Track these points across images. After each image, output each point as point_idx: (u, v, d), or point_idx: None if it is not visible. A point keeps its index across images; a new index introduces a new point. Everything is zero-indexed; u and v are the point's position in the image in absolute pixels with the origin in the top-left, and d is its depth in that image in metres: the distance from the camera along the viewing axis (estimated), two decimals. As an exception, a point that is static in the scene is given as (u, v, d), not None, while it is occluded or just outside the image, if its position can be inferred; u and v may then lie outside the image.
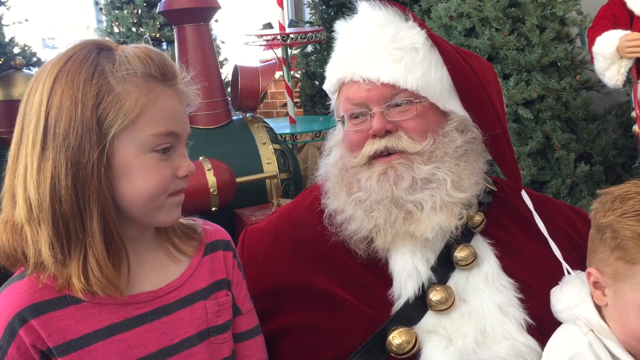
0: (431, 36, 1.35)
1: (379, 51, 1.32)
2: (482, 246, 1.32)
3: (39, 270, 0.99)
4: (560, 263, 1.31)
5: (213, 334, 1.13)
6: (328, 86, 1.45)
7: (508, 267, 1.30)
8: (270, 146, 2.95)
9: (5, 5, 4.67)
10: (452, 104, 1.35)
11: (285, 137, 3.78)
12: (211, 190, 2.59)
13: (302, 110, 4.87)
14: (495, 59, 3.00)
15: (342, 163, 1.37)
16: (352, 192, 1.32)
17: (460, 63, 1.34)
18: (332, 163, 1.40)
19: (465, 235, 1.32)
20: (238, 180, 2.71)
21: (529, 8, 2.98)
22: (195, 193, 2.41)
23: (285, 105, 4.72)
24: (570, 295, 1.22)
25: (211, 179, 2.58)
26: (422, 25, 1.36)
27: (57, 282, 0.99)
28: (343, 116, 1.37)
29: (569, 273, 1.29)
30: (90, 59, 0.99)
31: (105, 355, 1.01)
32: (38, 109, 0.98)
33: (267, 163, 2.91)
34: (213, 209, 2.62)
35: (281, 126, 3.97)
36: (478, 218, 1.34)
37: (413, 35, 1.34)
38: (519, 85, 2.93)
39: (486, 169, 1.38)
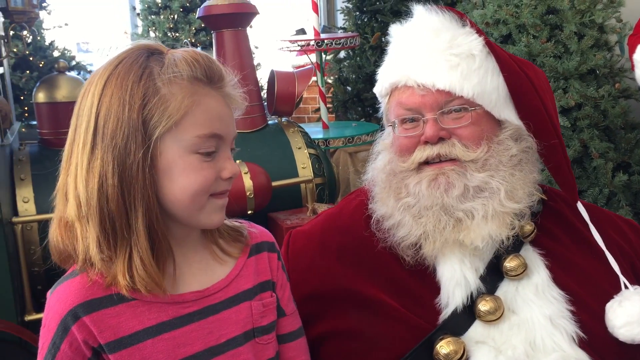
0: (488, 43, 1.34)
1: (435, 57, 1.30)
2: (532, 256, 1.31)
3: (87, 266, 1.02)
4: (614, 276, 1.29)
5: (258, 335, 1.14)
6: (379, 90, 1.43)
7: (559, 278, 1.28)
8: (306, 151, 2.96)
9: (46, 10, 4.79)
10: (507, 113, 1.33)
11: (317, 142, 3.79)
12: (247, 194, 2.61)
13: (334, 115, 4.89)
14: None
15: (391, 168, 1.36)
16: (400, 197, 1.31)
17: (517, 71, 1.33)
18: (379, 167, 1.39)
19: (515, 244, 1.30)
20: (273, 184, 2.73)
21: (567, 15, 2.95)
22: (232, 196, 2.42)
23: (317, 110, 4.74)
24: (631, 312, 1.19)
25: (248, 182, 2.61)
26: (479, 31, 1.35)
27: (105, 280, 1.01)
28: (394, 121, 1.36)
29: (626, 287, 1.27)
30: (140, 62, 1.01)
31: (154, 353, 1.03)
32: (89, 110, 1.01)
33: (302, 167, 2.93)
34: (249, 212, 2.64)
35: (313, 131, 3.99)
36: (528, 227, 1.32)
37: (470, 41, 1.32)
38: (556, 93, 2.89)
39: (540, 180, 1.36)
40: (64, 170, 1.03)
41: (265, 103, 3.22)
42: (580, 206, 1.38)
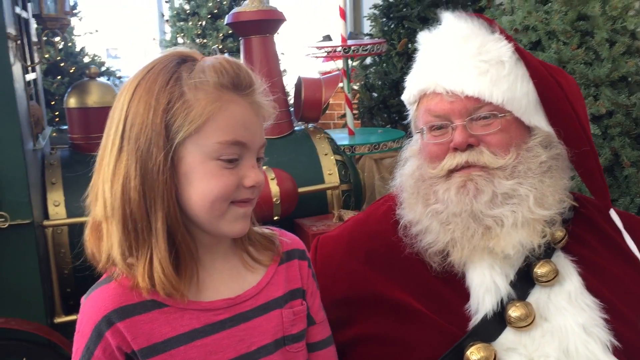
0: (518, 50, 1.33)
1: (463, 63, 1.30)
2: (563, 263, 1.29)
3: (109, 266, 1.03)
4: None
5: (288, 343, 1.13)
6: (407, 97, 1.43)
7: (592, 285, 1.26)
8: (332, 157, 2.96)
9: (78, 16, 4.88)
10: (537, 119, 1.32)
11: (343, 148, 3.79)
12: (274, 200, 2.62)
13: (359, 122, 4.88)
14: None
15: (419, 174, 1.36)
16: (429, 203, 1.31)
17: (547, 77, 1.32)
18: (408, 174, 1.39)
19: (546, 251, 1.29)
20: (300, 190, 2.73)
21: (598, 21, 2.91)
22: (258, 202, 2.44)
23: (343, 116, 4.74)
24: None
25: (274, 188, 2.62)
26: (508, 38, 1.34)
27: (131, 282, 1.02)
28: (422, 128, 1.36)
29: None
30: (169, 68, 1.02)
31: None
32: (119, 113, 1.02)
33: (329, 174, 2.93)
34: (275, 218, 2.64)
35: (339, 137, 3.98)
36: (559, 234, 1.31)
37: (499, 48, 1.32)
38: (587, 100, 2.85)
39: (571, 186, 1.35)
40: (96, 171, 1.05)
41: (292, 109, 3.23)
42: (613, 213, 1.37)
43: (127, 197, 0.99)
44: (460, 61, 1.31)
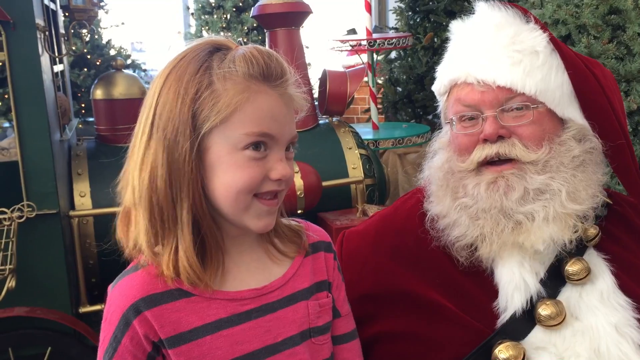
0: (553, 40, 1.30)
1: (496, 53, 1.27)
2: (596, 261, 1.26)
3: (136, 253, 1.03)
4: None
5: (314, 335, 1.13)
6: (438, 87, 1.41)
7: (625, 284, 1.23)
8: (357, 151, 2.95)
9: (104, 9, 4.92)
10: (571, 111, 1.29)
11: (367, 143, 3.77)
12: (298, 193, 2.62)
13: (383, 116, 4.86)
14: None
15: (449, 166, 1.33)
16: (457, 197, 1.29)
17: (583, 69, 1.29)
18: (437, 166, 1.37)
19: (578, 248, 1.26)
20: (324, 184, 2.73)
21: (630, 15, 2.85)
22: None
23: (367, 110, 4.72)
24: None
25: (298, 181, 2.61)
26: (543, 28, 1.31)
27: (157, 270, 1.01)
28: (452, 118, 1.33)
29: None
30: (201, 57, 1.01)
31: (212, 349, 1.03)
32: (150, 102, 1.02)
33: (353, 168, 2.92)
34: (299, 211, 2.64)
35: (363, 132, 3.97)
36: (592, 231, 1.28)
37: (534, 37, 1.29)
38: (617, 95, 2.80)
39: (605, 181, 1.31)
40: (129, 158, 1.05)
41: (317, 103, 3.21)
42: None
43: (154, 186, 0.99)
44: (493, 51, 1.28)
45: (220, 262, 1.05)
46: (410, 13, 4.70)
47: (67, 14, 3.15)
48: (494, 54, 1.28)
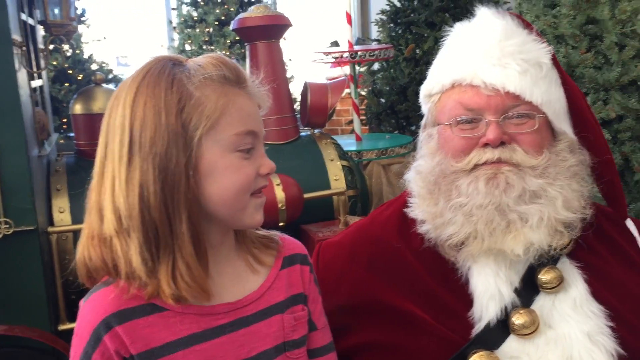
0: (553, 55, 1.33)
1: (506, 59, 1.27)
2: (569, 269, 1.26)
3: (130, 281, 1.01)
4: None
5: (289, 349, 1.12)
6: (432, 86, 1.37)
7: (598, 292, 1.24)
8: (338, 163, 2.95)
9: (85, 24, 4.90)
10: (565, 125, 1.32)
11: (350, 154, 3.77)
12: (279, 206, 2.61)
13: (367, 128, 4.87)
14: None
15: (440, 169, 1.31)
16: (450, 198, 1.27)
17: (574, 85, 1.32)
18: (427, 171, 1.34)
19: (551, 257, 1.26)
20: (306, 196, 2.72)
21: (607, 25, 2.88)
22: (264, 208, 2.43)
23: (350, 122, 4.72)
24: None
25: (280, 194, 2.60)
26: (543, 42, 1.33)
27: (146, 291, 1.00)
28: (452, 120, 1.30)
29: None
30: (166, 71, 1.02)
31: None
32: (121, 123, 1.00)
33: (335, 179, 2.91)
34: (281, 224, 2.63)
35: (346, 143, 3.96)
36: (565, 240, 1.27)
37: (539, 49, 1.30)
38: (596, 104, 2.83)
39: (589, 196, 1.32)
40: (97, 187, 1.02)
41: (298, 115, 3.21)
42: (630, 223, 1.36)
43: (146, 205, 0.98)
44: (501, 56, 1.27)
45: (208, 271, 1.04)
46: (391, 25, 4.72)
47: (45, 29, 3.14)
48: (503, 59, 1.27)
